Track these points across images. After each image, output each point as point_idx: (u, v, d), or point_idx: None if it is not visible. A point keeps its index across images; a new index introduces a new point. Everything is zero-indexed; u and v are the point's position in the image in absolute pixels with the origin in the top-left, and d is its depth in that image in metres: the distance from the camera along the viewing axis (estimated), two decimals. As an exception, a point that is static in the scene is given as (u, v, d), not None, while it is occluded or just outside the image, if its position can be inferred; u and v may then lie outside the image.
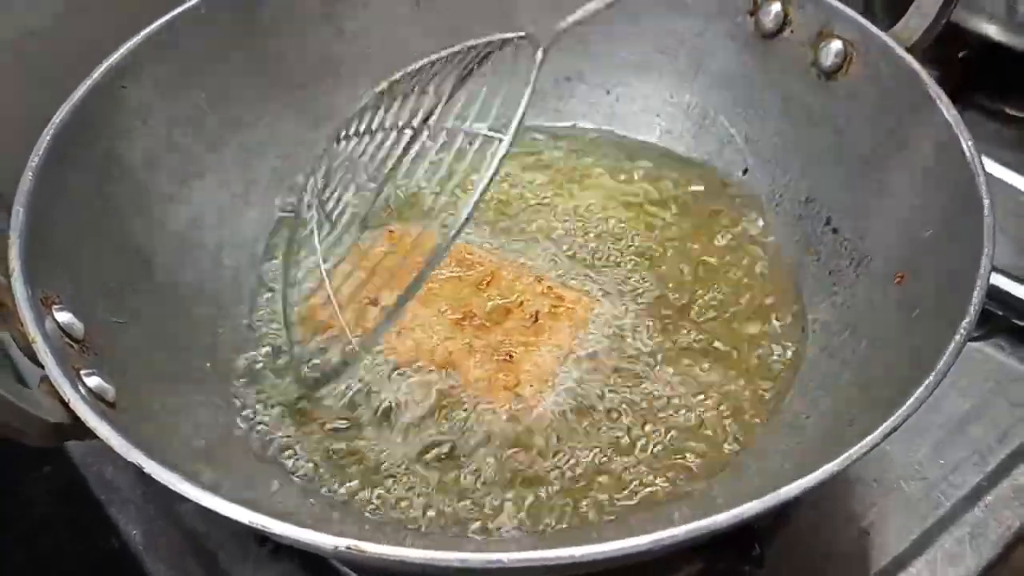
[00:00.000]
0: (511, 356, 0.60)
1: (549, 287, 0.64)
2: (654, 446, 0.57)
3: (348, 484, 0.55)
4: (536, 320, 0.62)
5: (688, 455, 0.56)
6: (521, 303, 0.63)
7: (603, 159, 0.74)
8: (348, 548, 0.38)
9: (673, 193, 0.72)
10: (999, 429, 0.64)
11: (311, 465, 0.56)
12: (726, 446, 0.57)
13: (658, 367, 0.60)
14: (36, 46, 0.73)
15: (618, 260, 0.67)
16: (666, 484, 0.55)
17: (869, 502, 0.61)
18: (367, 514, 0.54)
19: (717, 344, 0.62)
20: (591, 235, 0.69)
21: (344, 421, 0.58)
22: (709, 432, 0.57)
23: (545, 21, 0.53)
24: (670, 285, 0.65)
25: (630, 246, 0.68)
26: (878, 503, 0.61)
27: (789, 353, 0.61)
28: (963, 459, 0.63)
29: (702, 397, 0.59)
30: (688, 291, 0.65)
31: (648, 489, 0.54)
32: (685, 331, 0.62)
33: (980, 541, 0.59)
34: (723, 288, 0.65)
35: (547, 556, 0.38)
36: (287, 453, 0.57)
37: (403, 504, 0.54)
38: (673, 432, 0.57)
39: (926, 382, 0.44)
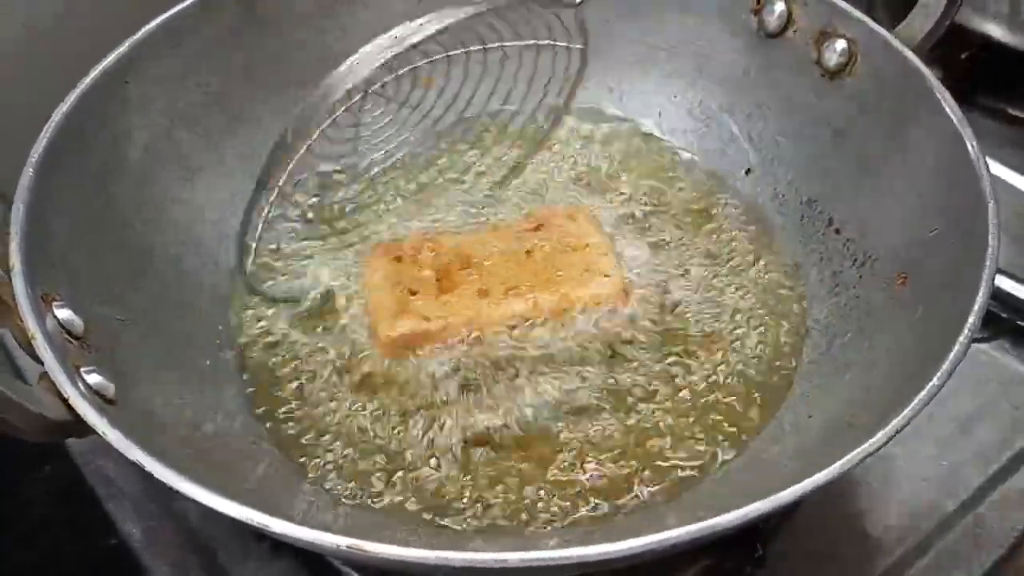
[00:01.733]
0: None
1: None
2: (651, 449, 0.56)
3: (353, 481, 0.55)
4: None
5: (692, 455, 0.56)
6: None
7: (604, 157, 0.74)
8: (349, 547, 0.38)
9: (676, 193, 0.71)
10: (1003, 431, 0.64)
11: (315, 462, 0.56)
12: (729, 446, 0.56)
13: (657, 365, 0.60)
14: (37, 44, 0.73)
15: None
16: (669, 485, 0.55)
17: (872, 504, 0.61)
18: (372, 509, 0.54)
19: (720, 343, 0.61)
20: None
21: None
22: (712, 432, 0.57)
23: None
24: (672, 283, 0.65)
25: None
26: (881, 505, 0.61)
27: (792, 354, 0.61)
28: (966, 461, 0.63)
29: (704, 395, 0.59)
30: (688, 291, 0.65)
31: (649, 488, 0.54)
32: (685, 330, 0.62)
33: (983, 543, 0.59)
34: (725, 288, 0.65)
35: (551, 556, 0.38)
36: (290, 450, 0.56)
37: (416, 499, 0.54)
38: (676, 432, 0.57)
39: (930, 384, 0.44)
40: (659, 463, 0.56)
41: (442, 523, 0.53)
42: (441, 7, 0.61)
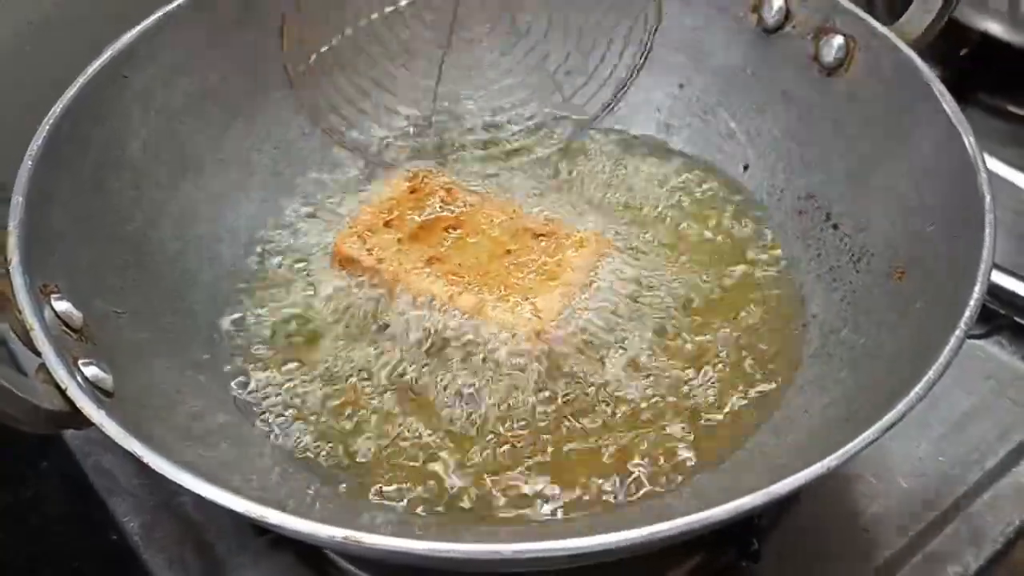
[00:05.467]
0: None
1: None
2: (648, 442, 0.56)
3: (351, 471, 0.55)
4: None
5: (686, 449, 0.56)
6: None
7: (602, 153, 0.74)
8: (346, 539, 0.38)
9: (673, 188, 0.71)
10: (999, 427, 0.64)
11: (311, 454, 0.56)
12: (724, 439, 0.56)
13: (654, 359, 0.60)
14: (35, 37, 0.73)
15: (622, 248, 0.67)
16: (662, 477, 0.55)
17: (868, 499, 0.61)
18: (371, 502, 0.54)
19: (717, 338, 0.61)
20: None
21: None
22: (706, 425, 0.57)
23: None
24: (670, 280, 0.65)
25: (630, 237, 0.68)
26: (877, 500, 0.61)
27: (788, 348, 0.61)
28: (963, 456, 0.63)
29: (701, 390, 0.59)
30: (688, 286, 0.65)
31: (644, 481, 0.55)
32: (684, 326, 0.62)
33: (979, 539, 0.59)
34: (723, 284, 0.65)
35: (545, 548, 0.38)
36: (287, 442, 0.57)
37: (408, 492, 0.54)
38: (668, 427, 0.57)
39: (925, 378, 0.44)
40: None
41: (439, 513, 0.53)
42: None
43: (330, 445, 0.57)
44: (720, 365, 0.60)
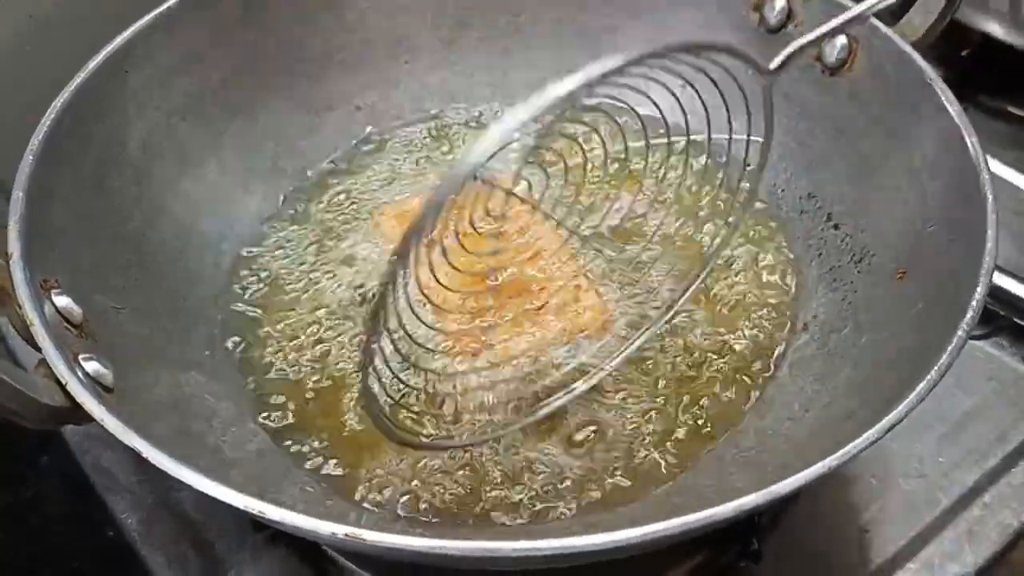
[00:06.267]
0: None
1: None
2: (648, 436, 0.56)
3: (350, 469, 0.55)
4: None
5: (686, 447, 0.56)
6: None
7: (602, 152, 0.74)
8: (347, 535, 0.38)
9: (673, 188, 0.71)
10: (999, 428, 0.64)
11: (311, 453, 0.56)
12: (725, 438, 0.56)
13: (656, 356, 0.60)
14: (35, 35, 0.73)
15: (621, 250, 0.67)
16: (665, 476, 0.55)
17: (868, 499, 0.61)
18: (366, 503, 0.54)
19: (717, 338, 0.61)
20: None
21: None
22: (707, 424, 0.57)
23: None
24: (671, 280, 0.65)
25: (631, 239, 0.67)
26: (877, 500, 0.61)
27: (790, 348, 0.61)
28: (963, 457, 0.63)
29: (699, 390, 0.59)
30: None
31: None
32: (687, 323, 0.62)
33: (979, 539, 0.59)
34: (724, 283, 0.65)
35: (545, 546, 0.38)
36: (287, 441, 0.56)
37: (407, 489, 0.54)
38: (670, 423, 0.57)
39: (926, 379, 0.44)
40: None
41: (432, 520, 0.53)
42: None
43: (328, 443, 0.56)
44: (719, 366, 0.60)
